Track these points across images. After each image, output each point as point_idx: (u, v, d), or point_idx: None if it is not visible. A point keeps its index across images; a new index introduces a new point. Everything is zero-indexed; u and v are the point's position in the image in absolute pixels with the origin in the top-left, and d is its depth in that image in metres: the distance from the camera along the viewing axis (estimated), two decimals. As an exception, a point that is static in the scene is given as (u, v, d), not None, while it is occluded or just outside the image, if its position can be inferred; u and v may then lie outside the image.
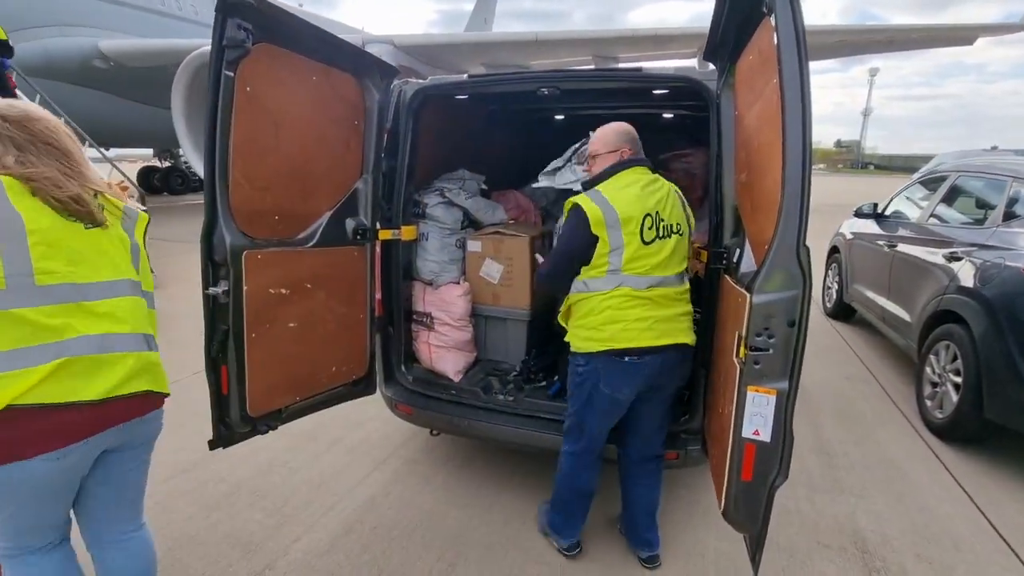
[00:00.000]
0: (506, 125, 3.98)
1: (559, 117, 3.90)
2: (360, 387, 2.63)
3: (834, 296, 5.93)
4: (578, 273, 2.03)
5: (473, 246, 3.04)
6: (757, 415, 1.50)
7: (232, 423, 2.04)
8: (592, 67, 13.47)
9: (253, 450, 2.91)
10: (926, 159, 17.12)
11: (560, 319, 2.21)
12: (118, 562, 1.64)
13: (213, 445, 2.04)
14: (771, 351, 1.47)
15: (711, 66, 2.24)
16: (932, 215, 4.19)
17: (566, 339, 2.15)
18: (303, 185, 2.24)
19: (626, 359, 1.96)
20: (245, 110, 1.90)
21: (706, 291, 2.20)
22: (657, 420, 2.17)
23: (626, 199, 1.94)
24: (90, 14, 13.09)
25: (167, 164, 20.51)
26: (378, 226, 2.55)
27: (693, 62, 15.43)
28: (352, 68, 2.36)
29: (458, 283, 2.97)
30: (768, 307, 1.46)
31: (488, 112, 3.70)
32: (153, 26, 14.45)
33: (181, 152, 16.54)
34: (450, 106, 3.09)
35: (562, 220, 2.14)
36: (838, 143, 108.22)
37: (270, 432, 2.20)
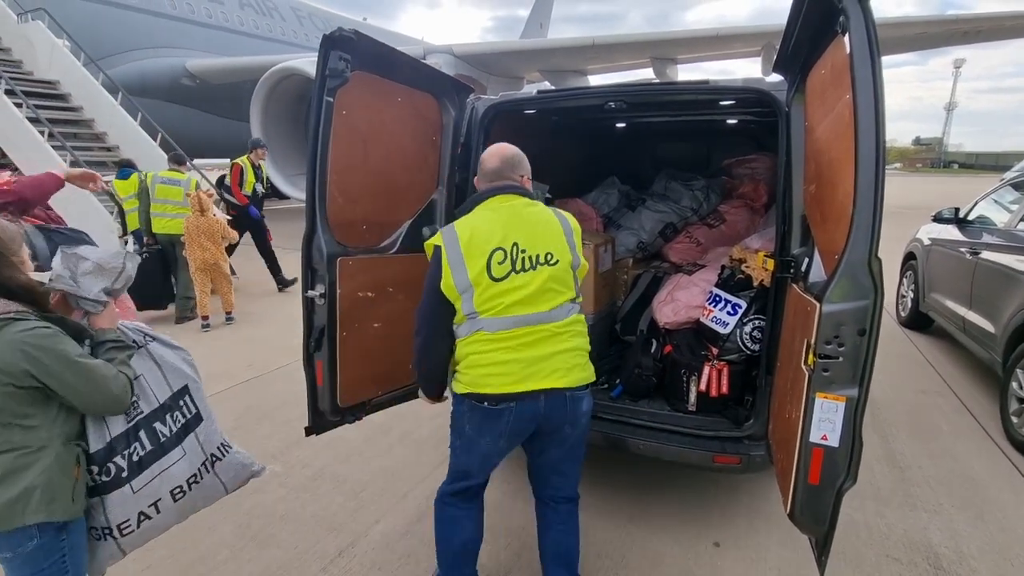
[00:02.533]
0: (570, 135, 4.09)
1: (621, 126, 3.97)
2: (433, 384, 2.81)
3: (909, 305, 5.64)
4: (450, 325, 1.85)
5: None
6: (825, 421, 1.54)
7: (325, 412, 2.27)
8: (656, 79, 13.37)
9: (333, 440, 3.14)
10: (1019, 156, 15.72)
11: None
12: None
13: (309, 432, 2.27)
14: (841, 359, 1.51)
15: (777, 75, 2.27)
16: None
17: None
18: (387, 197, 2.45)
19: (484, 404, 1.78)
20: (341, 131, 2.12)
21: (771, 299, 2.23)
22: (557, 464, 1.95)
23: (474, 235, 1.75)
24: (179, 37, 14.31)
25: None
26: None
27: (756, 62, 14.95)
28: (432, 88, 2.55)
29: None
30: (838, 316, 1.50)
31: (553, 124, 3.82)
32: (233, 45, 15.57)
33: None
34: (518, 119, 3.23)
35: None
36: (916, 140, 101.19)
37: (354, 422, 2.43)
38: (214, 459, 1.70)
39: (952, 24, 14.76)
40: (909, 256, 5.74)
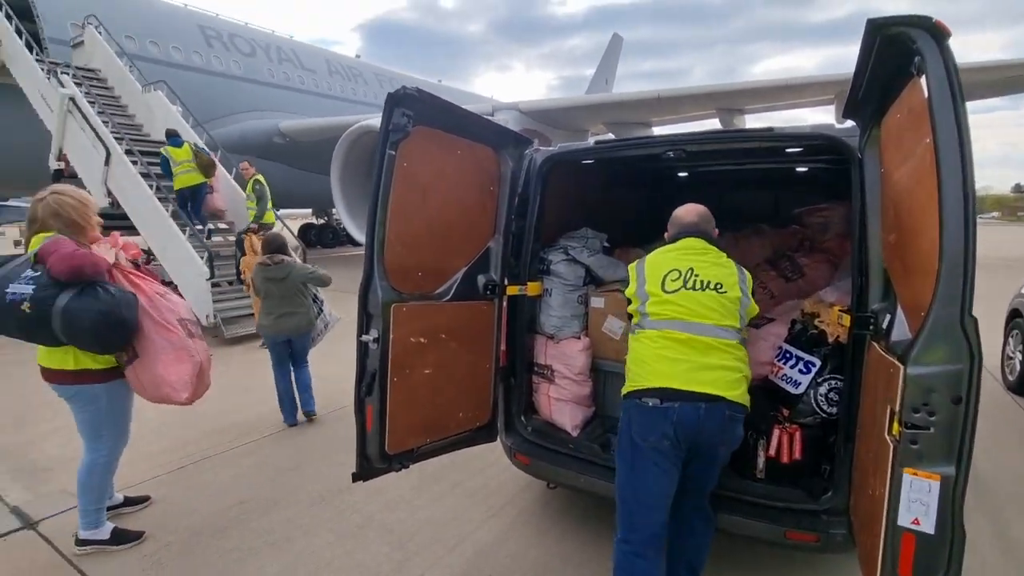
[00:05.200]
0: (629, 184, 4.08)
1: (683, 174, 3.91)
2: (483, 434, 2.76)
3: (1017, 368, 5.00)
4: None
5: (596, 302, 3.10)
6: (916, 502, 1.34)
7: (372, 458, 2.26)
8: (719, 127, 13.25)
9: (383, 486, 3.13)
10: None
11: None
12: None
13: (356, 478, 2.27)
14: (932, 430, 1.33)
15: (849, 122, 2.16)
16: None
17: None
18: (443, 244, 2.51)
19: (649, 404, 1.92)
20: (401, 182, 2.21)
21: (849, 358, 2.04)
22: (704, 483, 2.09)
23: (658, 260, 2.15)
24: (276, 101, 15.93)
25: (322, 221, 23.66)
26: (506, 282, 2.74)
27: (829, 110, 14.46)
28: (491, 141, 2.64)
29: (579, 338, 3.03)
30: (926, 381, 1.33)
31: (611, 173, 3.83)
32: (323, 107, 17.09)
33: (334, 211, 19.02)
34: (576, 169, 3.27)
35: None
36: (1017, 188, 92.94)
37: (400, 471, 2.40)
38: None
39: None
40: (1014, 313, 5.15)
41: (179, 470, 3.48)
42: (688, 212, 2.30)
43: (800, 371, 2.44)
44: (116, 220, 7.80)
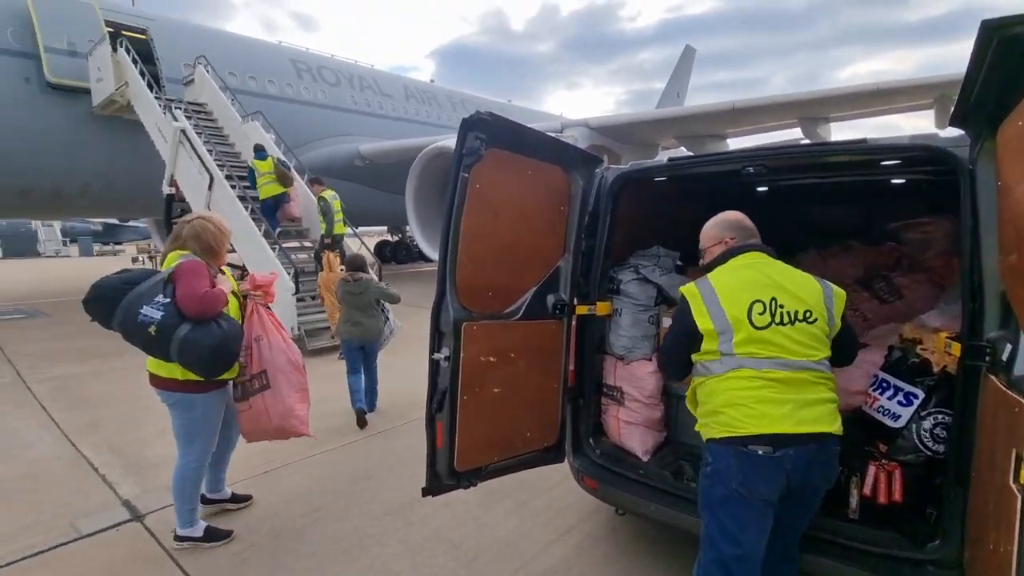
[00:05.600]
0: (704, 200, 3.93)
1: (763, 189, 3.72)
2: (550, 454, 2.73)
3: None
4: (689, 359, 1.97)
5: (668, 322, 3.00)
6: (1051, 562, 1.17)
7: (441, 474, 2.30)
8: (804, 140, 12.56)
9: (449, 500, 3.16)
10: None
11: (688, 404, 2.08)
12: None
13: (425, 493, 2.31)
14: (1068, 480, 1.16)
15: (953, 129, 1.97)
16: None
17: (696, 428, 1.98)
18: (513, 264, 2.53)
19: (759, 452, 1.73)
20: (473, 203, 2.26)
21: (959, 391, 1.83)
22: (800, 526, 1.94)
23: (731, 285, 1.89)
24: (357, 126, 16.96)
25: (396, 238, 24.77)
26: (575, 301, 2.72)
27: (925, 116, 13.28)
28: (561, 161, 2.65)
29: (650, 359, 2.94)
30: (1060, 423, 1.17)
31: (685, 189, 3.71)
32: (400, 130, 18.00)
33: (408, 228, 19.86)
34: (647, 187, 3.20)
35: None
36: None
37: (469, 488, 2.42)
38: None
39: None
40: None
41: (263, 475, 3.70)
42: (743, 218, 2.11)
43: (900, 403, 2.22)
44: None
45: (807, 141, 12.00)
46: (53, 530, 3.00)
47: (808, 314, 1.85)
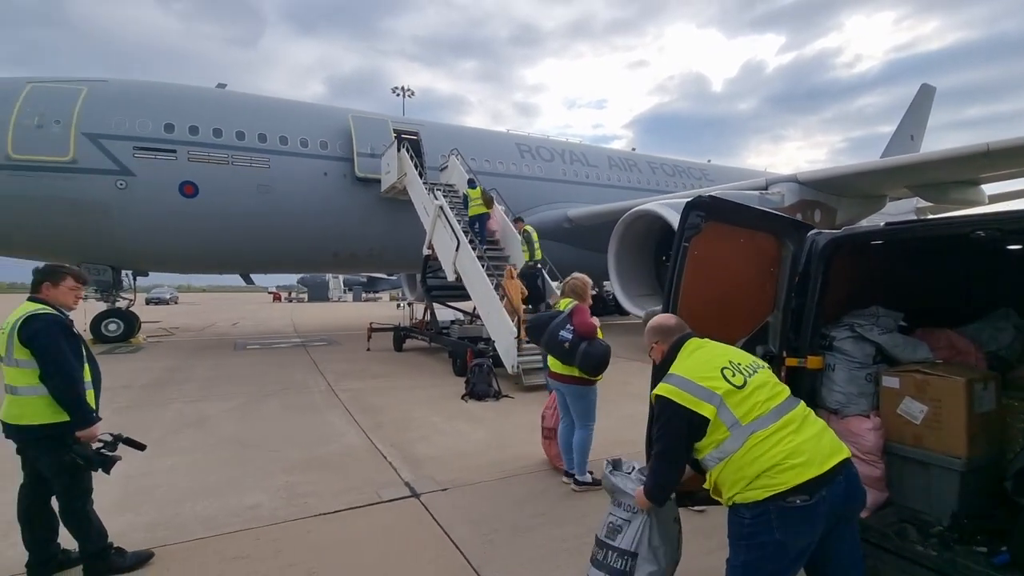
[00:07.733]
0: (934, 259, 3.75)
1: (1014, 248, 3.42)
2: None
3: None
4: (692, 454, 2.09)
5: (890, 382, 3.01)
6: None
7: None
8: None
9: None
10: None
11: (714, 496, 2.11)
12: None
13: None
14: None
15: None
16: None
17: (725, 502, 2.03)
18: (725, 319, 2.94)
19: (797, 502, 1.84)
20: (691, 268, 2.77)
21: None
22: (853, 553, 2.01)
23: (697, 367, 2.10)
24: (567, 194, 19.15)
25: (594, 292, 25.93)
26: (784, 354, 2.98)
27: None
28: (772, 229, 3.02)
29: (868, 416, 2.98)
30: None
31: (906, 250, 3.62)
32: (603, 195, 19.50)
33: (606, 284, 20.82)
34: (863, 249, 3.28)
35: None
36: None
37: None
38: None
39: None
40: None
41: (499, 480, 4.55)
42: (665, 320, 2.46)
43: None
44: (455, 290, 11.26)
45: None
46: (365, 493, 4.22)
47: (754, 362, 2.18)
